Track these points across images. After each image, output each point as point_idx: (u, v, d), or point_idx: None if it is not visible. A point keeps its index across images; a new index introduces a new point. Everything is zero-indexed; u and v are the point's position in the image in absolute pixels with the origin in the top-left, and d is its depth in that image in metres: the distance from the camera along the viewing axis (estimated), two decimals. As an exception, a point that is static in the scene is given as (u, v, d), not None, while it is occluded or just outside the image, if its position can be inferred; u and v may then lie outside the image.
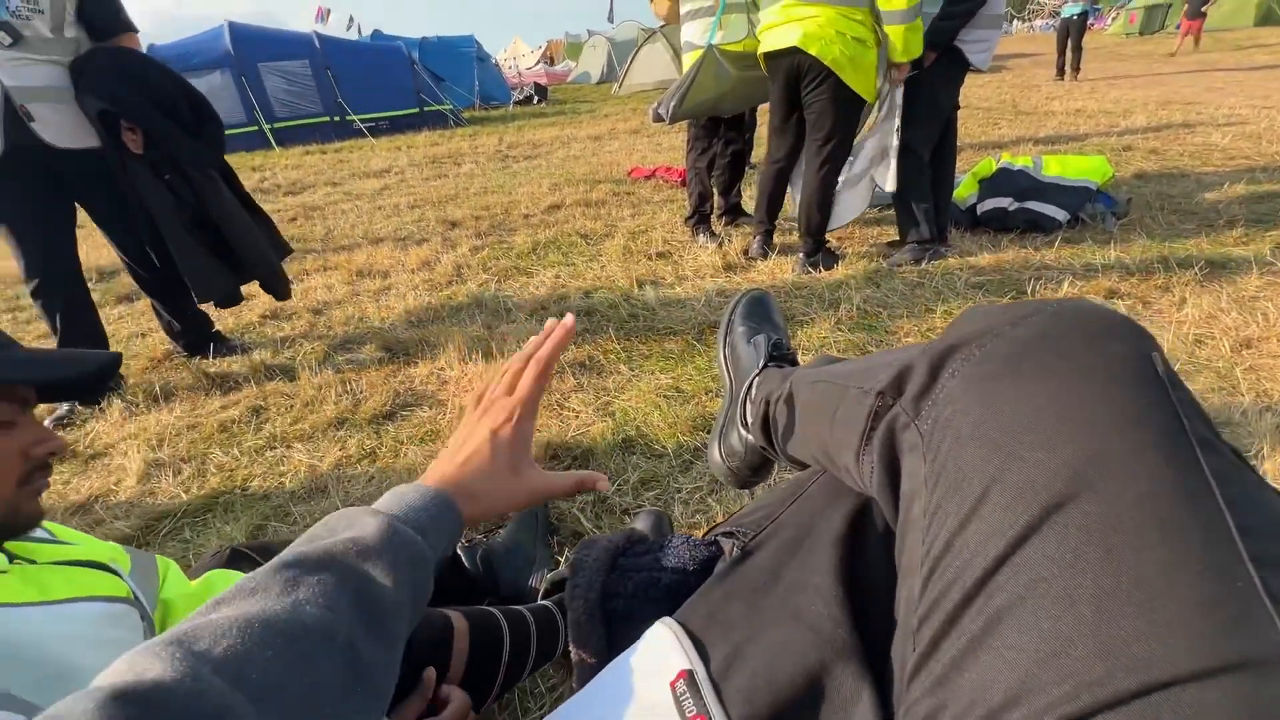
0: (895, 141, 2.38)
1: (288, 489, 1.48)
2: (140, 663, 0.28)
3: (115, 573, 0.64)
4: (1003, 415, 0.32)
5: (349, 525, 0.40)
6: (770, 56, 2.33)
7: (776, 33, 2.26)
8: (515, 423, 0.49)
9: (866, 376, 0.43)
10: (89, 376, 0.65)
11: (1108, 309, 0.34)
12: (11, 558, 0.57)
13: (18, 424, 0.58)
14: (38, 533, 0.63)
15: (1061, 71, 8.89)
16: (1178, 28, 12.40)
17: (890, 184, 2.43)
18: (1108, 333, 0.32)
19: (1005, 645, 0.27)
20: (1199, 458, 0.28)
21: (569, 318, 0.54)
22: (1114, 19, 19.88)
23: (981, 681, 0.27)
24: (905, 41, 2.12)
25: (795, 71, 2.29)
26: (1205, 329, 1.80)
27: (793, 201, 2.71)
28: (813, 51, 2.16)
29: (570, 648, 0.48)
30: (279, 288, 2.25)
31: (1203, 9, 11.72)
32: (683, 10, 2.77)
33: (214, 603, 0.34)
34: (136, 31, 1.95)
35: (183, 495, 1.49)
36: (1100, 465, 0.28)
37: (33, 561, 0.58)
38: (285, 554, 0.37)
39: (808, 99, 2.32)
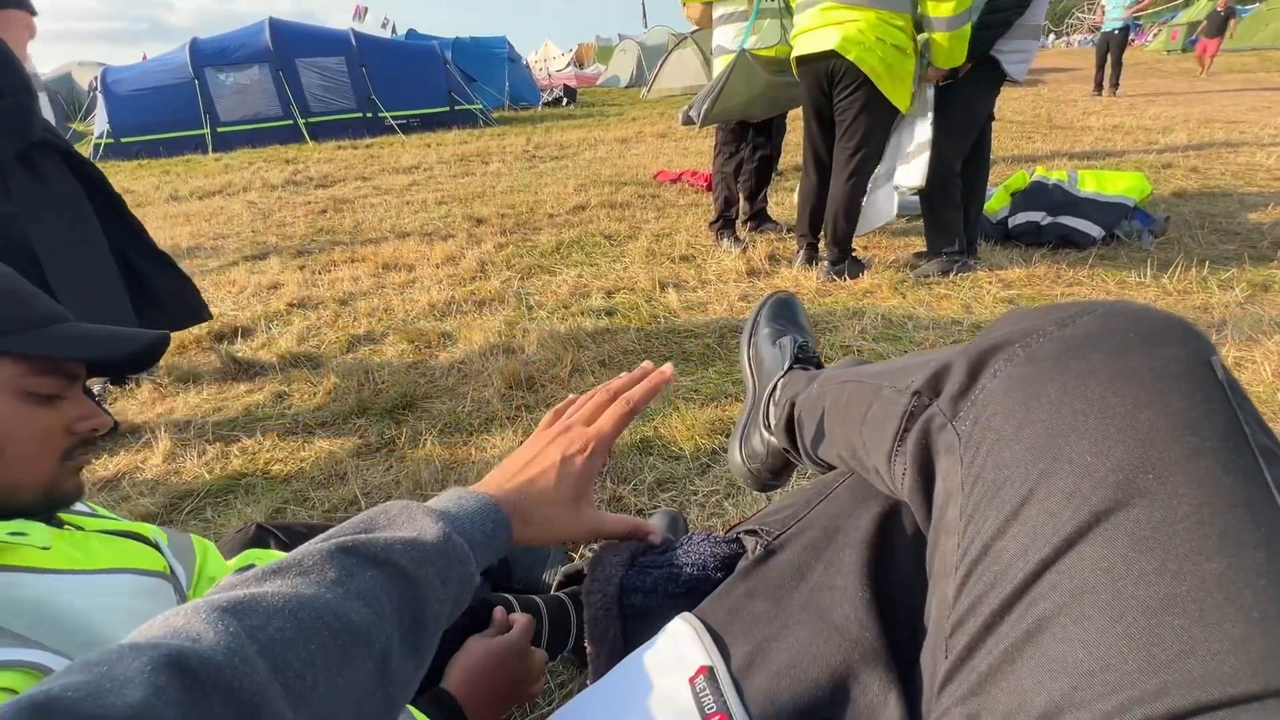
0: (929, 135, 2.29)
1: (308, 474, 1.50)
2: (193, 627, 0.28)
3: (155, 546, 0.65)
4: (1048, 417, 0.30)
5: (409, 522, 0.39)
6: (803, 61, 2.30)
7: (812, 36, 2.23)
8: (588, 455, 0.48)
9: (901, 376, 0.42)
10: (139, 355, 0.65)
11: (1163, 311, 0.33)
12: (61, 523, 0.58)
13: (65, 398, 0.58)
14: (77, 507, 0.64)
15: (1099, 87, 8.71)
16: (1193, 43, 11.68)
17: (918, 179, 2.34)
18: (1163, 335, 0.31)
19: (1047, 655, 0.26)
20: (1261, 467, 0.26)
21: (668, 367, 0.54)
22: (1156, 35, 19.42)
23: (1020, 692, 0.26)
24: (951, 48, 2.09)
25: (829, 77, 2.26)
26: (1245, 352, 1.74)
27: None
28: (851, 56, 2.13)
29: (586, 642, 0.48)
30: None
31: (1227, 25, 10.77)
32: (715, 14, 2.77)
33: (267, 571, 0.33)
34: (25, 10, 1.56)
35: (206, 475, 1.52)
36: (1154, 471, 0.27)
37: (79, 528, 0.59)
38: (343, 539, 0.36)
39: (840, 105, 2.29)
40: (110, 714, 0.23)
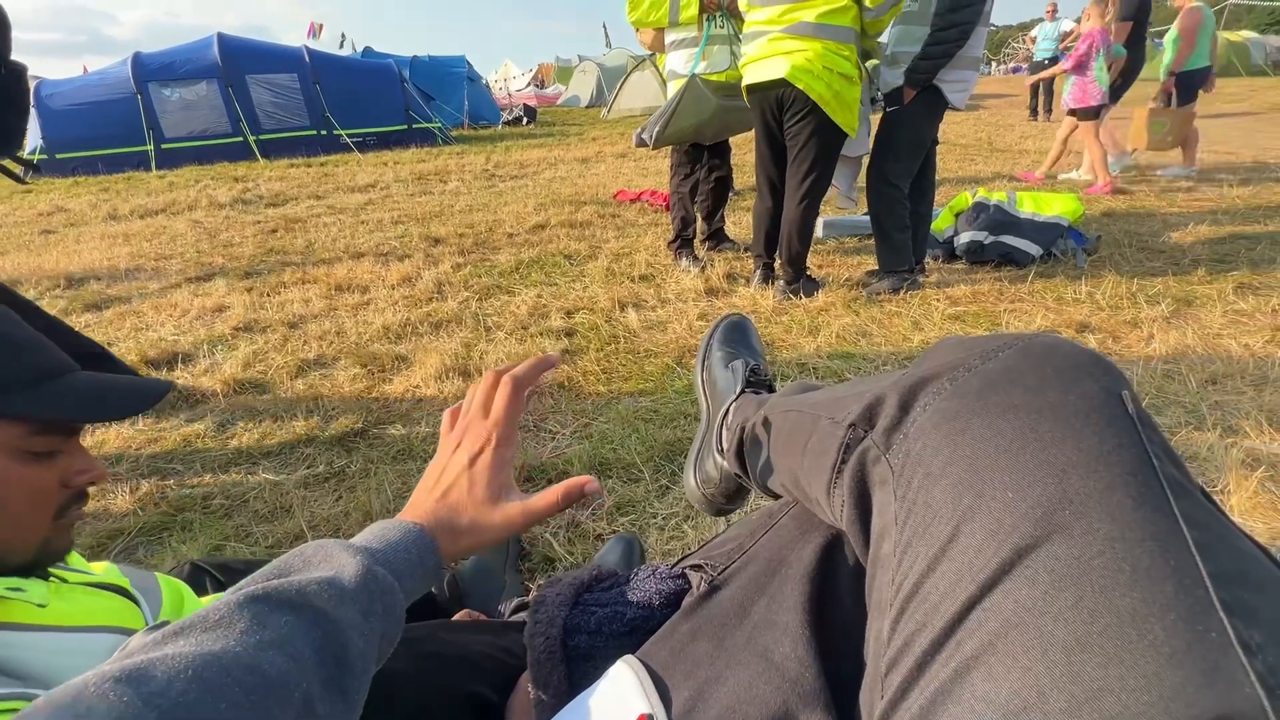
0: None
1: (251, 508, 1.43)
2: (83, 701, 0.26)
3: (135, 601, 0.63)
4: (971, 453, 0.31)
5: (325, 560, 0.37)
6: (753, 89, 2.37)
7: (762, 65, 2.29)
8: (494, 448, 0.47)
9: (838, 407, 0.42)
10: (144, 407, 0.62)
11: (1078, 345, 0.34)
12: (47, 575, 0.55)
13: (63, 451, 0.55)
14: None
15: (1034, 113, 9.23)
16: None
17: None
18: (1077, 369, 0.32)
19: (974, 696, 0.26)
20: (1169, 499, 0.27)
21: (553, 354, 0.52)
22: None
23: None
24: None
25: (779, 104, 2.32)
26: (1173, 364, 1.84)
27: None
28: (800, 85, 2.19)
29: (529, 688, 0.46)
30: None
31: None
32: (667, 40, 2.83)
33: (172, 631, 0.31)
34: None
35: (138, 513, 1.43)
36: (1071, 506, 0.27)
37: (64, 580, 0.57)
38: (254, 587, 0.34)
39: (790, 131, 2.36)
40: None
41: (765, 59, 2.27)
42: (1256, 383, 1.71)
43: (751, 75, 2.34)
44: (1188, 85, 4.51)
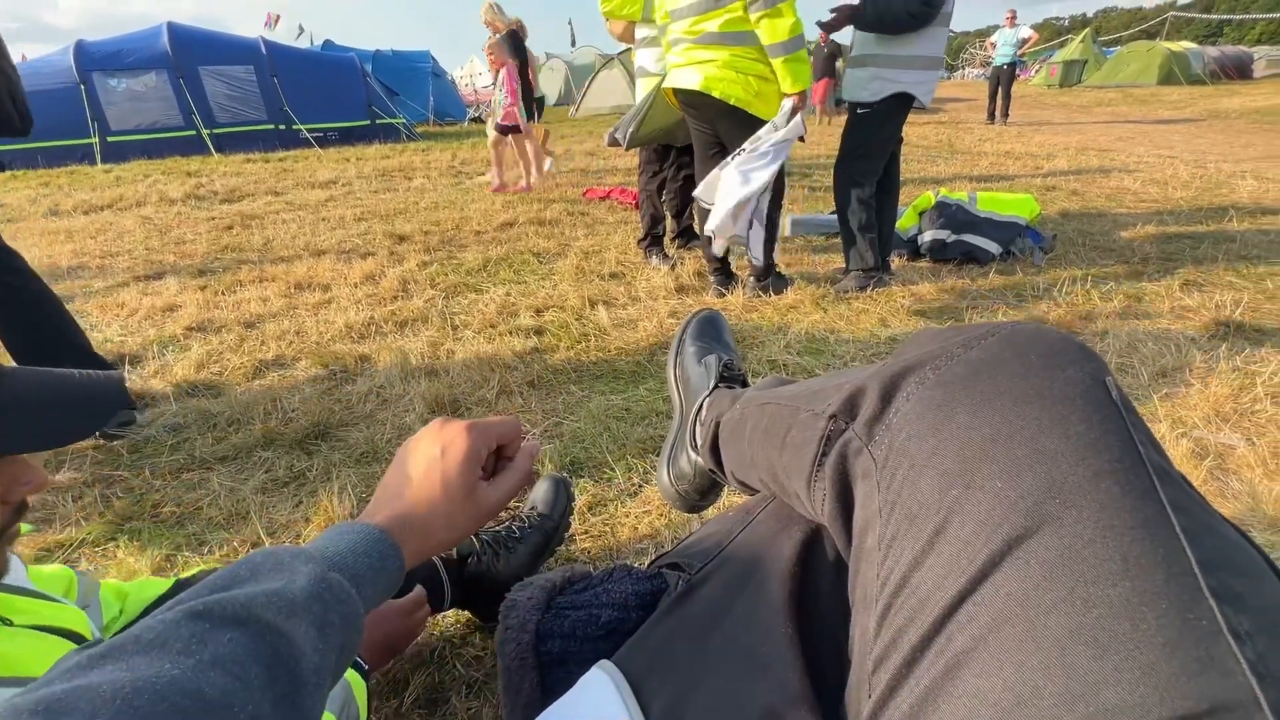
0: (764, 209, 2.30)
1: (205, 515, 1.36)
2: None
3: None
4: (959, 442, 0.30)
5: (275, 569, 0.35)
6: (679, 93, 2.37)
7: (681, 73, 2.31)
8: (466, 433, 0.44)
9: (817, 398, 0.41)
10: (105, 419, 0.55)
11: (1061, 332, 0.34)
12: None
13: (2, 460, 0.49)
14: (7, 581, 0.55)
15: (992, 116, 9.52)
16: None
17: (757, 251, 2.37)
18: (1062, 356, 0.31)
19: (967, 693, 0.25)
20: (1156, 487, 0.27)
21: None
22: (1037, 71, 21.54)
23: None
24: (791, 73, 2.17)
25: (707, 111, 2.33)
26: (1126, 358, 1.91)
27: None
28: (716, 94, 2.21)
29: (500, 694, 0.44)
30: None
31: (837, 65, 9.31)
32: (638, 36, 2.81)
33: (100, 654, 0.29)
34: None
35: (81, 523, 1.35)
36: (1061, 495, 0.27)
37: (9, 622, 0.50)
38: (194, 602, 0.32)
39: (727, 138, 2.36)
40: None
41: (683, 67, 2.30)
42: (1203, 375, 1.78)
43: (673, 80, 2.36)
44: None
